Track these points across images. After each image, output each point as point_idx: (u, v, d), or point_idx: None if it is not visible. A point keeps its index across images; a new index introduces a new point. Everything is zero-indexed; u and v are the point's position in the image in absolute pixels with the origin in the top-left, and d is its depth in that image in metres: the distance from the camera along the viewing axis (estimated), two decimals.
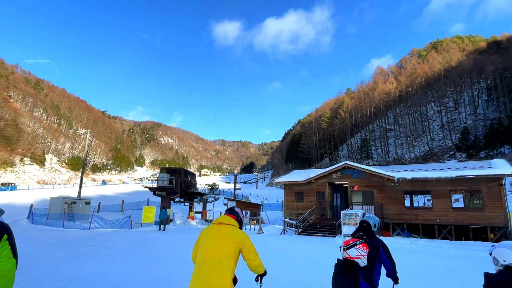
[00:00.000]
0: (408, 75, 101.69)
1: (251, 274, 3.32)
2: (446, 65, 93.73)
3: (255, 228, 23.75)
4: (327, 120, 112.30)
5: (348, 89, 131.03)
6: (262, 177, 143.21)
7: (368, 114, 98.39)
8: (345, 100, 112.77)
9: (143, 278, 7.23)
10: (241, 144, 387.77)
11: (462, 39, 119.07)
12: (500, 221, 18.16)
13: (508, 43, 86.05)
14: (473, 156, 58.73)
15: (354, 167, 23.52)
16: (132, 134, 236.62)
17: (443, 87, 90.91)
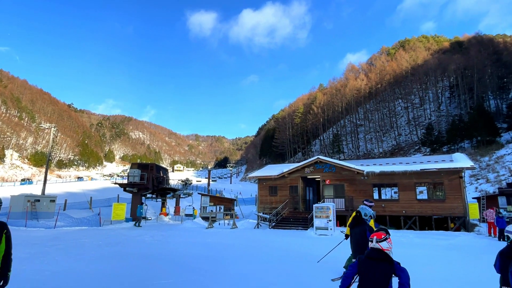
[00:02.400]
0: (377, 72, 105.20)
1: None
2: (413, 63, 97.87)
3: (229, 223, 23.76)
4: (300, 115, 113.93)
5: (320, 85, 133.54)
6: (236, 172, 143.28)
7: (339, 109, 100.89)
8: (318, 95, 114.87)
9: (112, 276, 7.02)
10: (215, 139, 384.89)
11: (428, 39, 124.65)
12: (460, 211, 19.37)
13: (469, 44, 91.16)
14: (437, 150, 62.02)
15: (326, 161, 24.07)
16: (101, 129, 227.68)
17: (410, 84, 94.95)
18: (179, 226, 22.59)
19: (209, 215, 24.01)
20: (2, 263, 3.36)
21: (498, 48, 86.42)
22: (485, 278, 7.27)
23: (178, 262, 8.94)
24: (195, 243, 13.31)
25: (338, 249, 8.52)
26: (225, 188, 69.18)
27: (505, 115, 63.84)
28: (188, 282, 6.73)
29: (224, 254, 10.49)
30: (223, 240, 14.71)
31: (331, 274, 7.65)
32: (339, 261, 9.45)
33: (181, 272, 7.62)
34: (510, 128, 59.44)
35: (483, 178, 40.35)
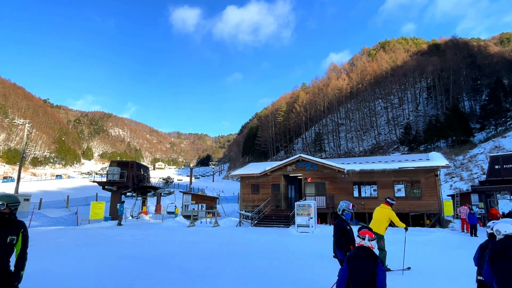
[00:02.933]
0: (359, 72, 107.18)
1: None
2: (392, 64, 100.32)
3: (211, 221, 23.65)
4: (283, 114, 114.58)
5: (303, 84, 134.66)
6: (219, 170, 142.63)
7: (322, 108, 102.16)
8: (300, 94, 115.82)
9: (90, 277, 6.85)
10: (197, 136, 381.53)
11: (407, 41, 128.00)
12: (435, 208, 20.08)
13: (446, 47, 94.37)
14: (414, 149, 63.95)
15: (308, 159, 24.35)
16: (79, 125, 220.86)
17: (389, 85, 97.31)
18: (160, 225, 22.27)
19: (191, 213, 23.79)
20: (17, 262, 3.50)
21: (473, 51, 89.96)
22: (458, 271, 7.61)
23: (159, 261, 8.83)
24: (176, 242, 13.18)
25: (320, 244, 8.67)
26: (208, 186, 68.74)
27: (478, 116, 66.62)
28: (169, 281, 6.66)
29: (205, 253, 10.44)
30: (204, 238, 14.63)
31: (312, 269, 7.76)
32: (321, 257, 9.60)
33: (162, 272, 7.53)
34: (482, 128, 62.08)
35: (457, 176, 41.95)
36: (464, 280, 6.58)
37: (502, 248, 3.16)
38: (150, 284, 6.36)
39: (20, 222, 3.61)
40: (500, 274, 3.07)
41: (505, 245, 3.17)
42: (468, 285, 5.45)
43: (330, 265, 8.37)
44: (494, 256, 3.19)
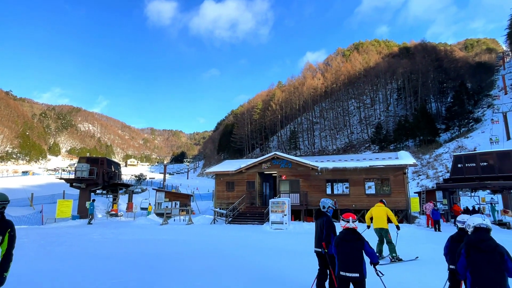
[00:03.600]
0: (333, 72, 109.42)
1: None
2: (365, 65, 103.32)
3: (185, 219, 23.34)
4: (259, 111, 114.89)
5: (279, 82, 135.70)
6: (194, 167, 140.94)
7: (297, 107, 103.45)
8: (276, 93, 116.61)
9: (55, 277, 6.53)
10: (172, 133, 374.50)
11: (380, 43, 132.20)
12: (403, 205, 20.96)
13: (415, 50, 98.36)
14: (384, 148, 66.32)
15: (283, 157, 24.57)
16: (45, 119, 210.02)
17: (362, 85, 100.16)
18: (131, 223, 21.69)
19: (164, 211, 23.34)
20: (1, 263, 3.32)
21: (440, 55, 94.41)
22: (429, 261, 8.00)
23: (129, 260, 8.59)
24: (148, 240, 12.88)
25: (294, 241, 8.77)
26: (182, 183, 67.70)
27: (444, 117, 70.13)
28: (139, 280, 6.49)
29: (177, 251, 10.28)
30: (177, 236, 14.41)
31: (284, 265, 7.85)
32: (295, 253, 9.73)
33: (132, 271, 7.33)
34: (447, 129, 65.42)
35: (423, 174, 43.97)
36: (435, 268, 7.22)
37: (477, 242, 3.45)
38: (117, 284, 6.17)
39: (8, 221, 3.45)
40: (474, 265, 3.38)
41: (479, 239, 3.46)
42: (440, 273, 6.22)
43: (305, 260, 8.51)
44: (469, 249, 3.48)
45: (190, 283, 6.30)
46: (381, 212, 8.95)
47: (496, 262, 3.28)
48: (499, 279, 3.23)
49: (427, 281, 6.57)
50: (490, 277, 3.25)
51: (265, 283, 6.35)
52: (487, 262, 3.31)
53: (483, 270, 3.30)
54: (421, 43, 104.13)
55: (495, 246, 3.37)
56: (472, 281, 3.37)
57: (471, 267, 3.41)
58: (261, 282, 6.42)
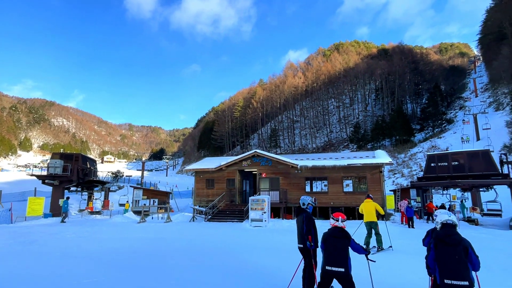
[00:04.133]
0: (314, 71, 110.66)
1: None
2: (345, 65, 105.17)
3: (163, 216, 22.97)
4: (240, 109, 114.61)
5: (261, 80, 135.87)
6: (173, 165, 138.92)
7: (278, 105, 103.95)
8: (257, 90, 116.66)
9: (23, 277, 6.24)
10: (150, 129, 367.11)
11: (359, 44, 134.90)
12: (379, 202, 21.46)
13: (393, 52, 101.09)
14: (362, 147, 67.86)
15: (263, 155, 24.64)
16: (15, 113, 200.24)
17: (342, 85, 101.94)
18: (107, 221, 21.11)
19: (142, 209, 22.87)
20: None
21: (416, 58, 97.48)
22: (400, 256, 8.25)
23: (104, 259, 8.35)
24: (124, 239, 12.58)
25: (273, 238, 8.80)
26: (161, 180, 66.62)
27: (419, 118, 72.57)
28: (114, 279, 6.32)
29: (154, 249, 10.10)
30: (155, 234, 14.16)
31: (263, 261, 7.87)
32: (275, 249, 9.79)
33: (107, 270, 7.13)
34: (422, 129, 67.77)
35: (399, 173, 45.38)
36: (412, 259, 7.59)
37: (444, 236, 3.77)
38: (93, 284, 5.99)
39: None
40: (441, 257, 3.70)
41: (445, 233, 3.79)
42: (415, 262, 6.63)
43: (284, 257, 8.58)
44: (437, 243, 3.80)
45: (167, 281, 6.20)
46: (371, 207, 9.99)
47: (460, 254, 3.60)
48: (463, 270, 3.55)
49: (405, 267, 6.80)
50: (455, 268, 3.58)
51: (245, 279, 6.34)
52: (452, 254, 3.63)
53: (448, 262, 3.63)
54: (398, 45, 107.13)
55: (459, 240, 3.69)
56: (439, 271, 3.68)
57: (438, 259, 3.73)
58: (240, 278, 6.41)
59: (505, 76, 58.56)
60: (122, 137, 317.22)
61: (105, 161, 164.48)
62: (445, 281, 3.60)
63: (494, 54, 71.87)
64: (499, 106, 56.81)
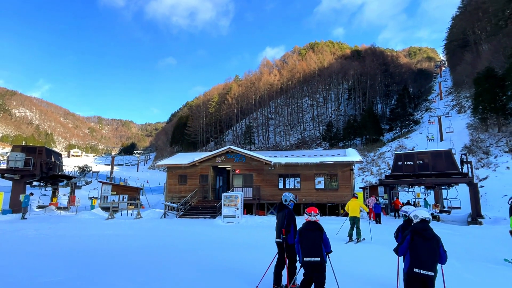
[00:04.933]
0: (289, 70, 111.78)
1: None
2: (320, 65, 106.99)
3: (133, 213, 22.34)
4: (215, 104, 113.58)
5: (236, 76, 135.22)
6: (144, 160, 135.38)
7: (253, 102, 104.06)
8: (233, 86, 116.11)
9: None
10: (121, 123, 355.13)
11: (334, 44, 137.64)
12: (349, 199, 22.11)
13: (365, 54, 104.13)
14: (334, 145, 69.54)
15: (237, 151, 24.59)
16: None
17: (316, 84, 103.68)
18: (73, 218, 20.21)
19: (110, 205, 22.10)
20: None
21: (387, 60, 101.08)
22: (367, 251, 8.55)
23: (68, 257, 7.99)
24: (91, 236, 12.11)
25: (246, 234, 8.80)
26: (131, 176, 64.74)
27: (388, 118, 75.43)
28: (78, 278, 6.06)
29: (122, 246, 9.80)
30: (123, 231, 13.75)
31: (236, 258, 7.86)
32: (248, 246, 9.80)
33: (71, 268, 6.82)
34: (391, 129, 70.48)
35: (368, 171, 46.97)
36: (380, 249, 7.67)
37: (421, 230, 4.12)
38: (56, 283, 5.70)
39: None
40: (415, 248, 4.06)
41: (423, 228, 4.15)
42: (383, 255, 7.10)
43: (257, 252, 8.61)
44: (414, 235, 4.13)
45: (134, 279, 6.02)
46: (356, 205, 12.01)
47: (433, 247, 4.01)
48: (433, 261, 3.97)
49: (373, 258, 7.05)
50: (427, 259, 3.96)
51: (217, 275, 6.29)
52: (426, 247, 4.01)
53: (422, 253, 4.00)
54: (371, 47, 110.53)
55: (433, 234, 4.10)
56: (411, 261, 4.04)
57: (412, 250, 4.07)
58: (213, 274, 6.36)
59: (467, 81, 62.08)
60: (90, 130, 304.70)
61: (71, 155, 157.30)
62: (415, 270, 3.97)
63: (458, 60, 76.08)
64: (461, 109, 60.19)
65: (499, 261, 8.36)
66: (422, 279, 3.94)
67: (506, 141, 35.98)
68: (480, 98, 41.52)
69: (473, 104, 45.00)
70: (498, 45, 53.74)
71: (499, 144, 36.47)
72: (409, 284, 4.08)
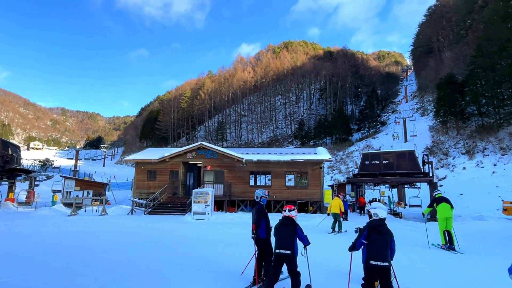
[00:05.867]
0: (263, 67, 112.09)
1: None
2: (293, 64, 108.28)
3: (98, 209, 21.48)
4: (187, 99, 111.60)
5: (210, 71, 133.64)
6: (112, 154, 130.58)
7: (226, 98, 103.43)
8: (206, 82, 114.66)
9: None
10: (87, 115, 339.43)
11: (307, 44, 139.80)
12: (318, 197, 22.72)
13: (337, 55, 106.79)
14: (305, 143, 70.85)
15: (209, 148, 24.35)
16: None
17: (289, 83, 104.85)
18: (32, 214, 19.08)
19: (73, 201, 21.10)
20: None
21: (357, 62, 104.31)
22: (335, 247, 8.79)
23: (25, 256, 7.53)
24: (52, 233, 11.50)
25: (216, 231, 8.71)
26: (97, 171, 62.18)
27: (357, 119, 77.97)
28: (37, 277, 5.72)
29: (85, 244, 9.39)
30: (87, 228, 13.19)
31: (207, 254, 7.80)
32: (217, 242, 9.74)
33: (28, 267, 6.43)
34: (359, 129, 72.95)
35: (337, 169, 48.34)
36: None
37: (377, 226, 4.57)
38: (11, 283, 5.35)
39: None
40: (372, 242, 4.49)
41: (379, 224, 4.60)
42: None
43: (228, 248, 8.58)
44: (370, 231, 4.56)
45: (99, 278, 5.79)
46: (337, 204, 13.66)
47: (386, 241, 4.47)
48: (386, 254, 4.41)
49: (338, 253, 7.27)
50: (381, 252, 4.41)
51: (191, 271, 6.19)
52: (381, 241, 4.47)
53: (377, 246, 4.45)
54: (343, 49, 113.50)
55: (387, 230, 4.57)
56: (367, 254, 4.49)
57: (368, 244, 4.53)
58: (186, 271, 6.25)
59: (431, 86, 65.58)
60: (53, 122, 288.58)
61: (31, 148, 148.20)
62: (371, 262, 4.41)
63: (423, 65, 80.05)
64: (424, 112, 63.49)
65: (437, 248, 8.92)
66: (378, 270, 4.37)
67: (463, 144, 38.44)
68: (442, 103, 44.06)
69: (435, 108, 47.65)
70: (459, 53, 57.16)
71: (457, 146, 38.90)
72: (367, 275, 4.55)
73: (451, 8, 74.99)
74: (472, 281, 6.20)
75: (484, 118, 40.18)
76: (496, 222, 16.77)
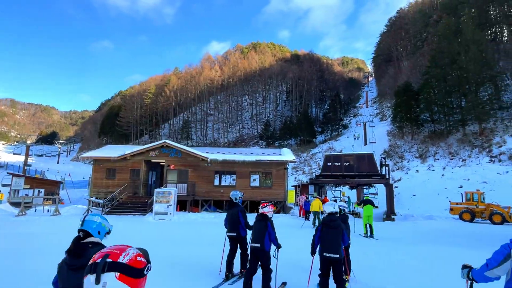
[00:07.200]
0: (231, 67, 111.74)
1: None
2: (261, 65, 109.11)
3: (50, 209, 20.12)
4: (151, 96, 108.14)
5: (176, 68, 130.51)
6: (67, 151, 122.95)
7: (192, 96, 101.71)
8: (172, 79, 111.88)
9: None
10: (40, 108, 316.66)
11: (275, 46, 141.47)
12: (282, 197, 23.07)
13: (304, 59, 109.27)
14: (271, 144, 71.67)
15: (173, 146, 23.78)
16: None
17: (256, 84, 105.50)
18: None
19: (22, 200, 19.58)
20: None
21: (323, 67, 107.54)
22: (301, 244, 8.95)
23: None
24: None
25: (180, 231, 8.50)
26: (50, 168, 58.30)
27: (321, 121, 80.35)
28: None
29: (35, 246, 8.75)
30: (37, 229, 12.32)
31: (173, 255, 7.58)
32: (179, 242, 9.51)
33: None
34: (323, 132, 75.20)
35: (300, 170, 49.44)
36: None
37: (328, 221, 4.99)
38: None
39: None
40: (324, 236, 4.90)
41: (330, 219, 5.01)
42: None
43: (192, 248, 8.41)
44: (323, 226, 4.97)
45: None
46: (317, 204, 15.61)
47: (337, 234, 4.89)
48: (337, 246, 4.82)
49: None
50: (332, 244, 4.82)
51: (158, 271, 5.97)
52: (332, 234, 4.87)
53: (329, 240, 4.86)
54: (309, 53, 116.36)
55: (338, 224, 4.98)
56: (321, 247, 4.89)
57: (321, 238, 4.92)
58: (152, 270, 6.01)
59: (390, 93, 69.29)
60: (1, 114, 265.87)
61: None
62: (324, 254, 4.81)
63: (383, 73, 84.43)
64: (383, 117, 66.94)
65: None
66: (330, 261, 4.80)
67: (417, 148, 41.06)
68: (399, 109, 46.74)
69: (393, 114, 50.48)
70: (415, 63, 61.06)
71: (412, 150, 41.46)
72: (321, 266, 4.95)
73: (409, 21, 79.97)
74: (385, 257, 6.65)
75: (436, 125, 43.25)
76: (444, 221, 18.12)
